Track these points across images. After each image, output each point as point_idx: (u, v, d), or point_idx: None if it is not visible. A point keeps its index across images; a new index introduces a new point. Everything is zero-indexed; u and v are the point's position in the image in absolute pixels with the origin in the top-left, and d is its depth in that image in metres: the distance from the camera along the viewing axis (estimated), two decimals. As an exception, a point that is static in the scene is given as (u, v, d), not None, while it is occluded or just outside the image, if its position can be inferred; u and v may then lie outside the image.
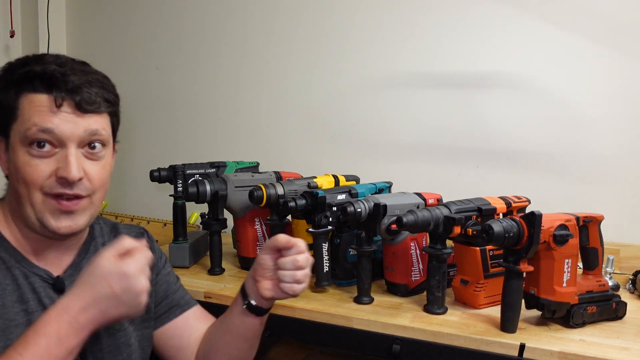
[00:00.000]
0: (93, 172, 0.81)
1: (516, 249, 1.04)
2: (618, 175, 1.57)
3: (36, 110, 0.77)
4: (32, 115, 0.77)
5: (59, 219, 0.79)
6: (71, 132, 0.78)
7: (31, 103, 0.77)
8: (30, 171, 0.77)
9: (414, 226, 1.12)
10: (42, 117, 0.76)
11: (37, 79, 0.77)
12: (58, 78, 0.77)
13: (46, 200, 0.78)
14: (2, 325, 0.76)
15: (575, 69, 1.60)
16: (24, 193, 0.79)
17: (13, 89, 0.79)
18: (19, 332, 0.75)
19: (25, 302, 0.79)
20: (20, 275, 0.81)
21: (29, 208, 0.79)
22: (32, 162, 0.77)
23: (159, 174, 1.56)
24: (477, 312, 1.18)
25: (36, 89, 0.77)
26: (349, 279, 1.35)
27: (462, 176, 1.75)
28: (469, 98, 1.72)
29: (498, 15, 1.67)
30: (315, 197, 1.28)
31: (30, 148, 0.77)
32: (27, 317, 0.79)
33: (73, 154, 0.78)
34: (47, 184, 0.77)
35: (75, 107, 0.78)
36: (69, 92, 0.77)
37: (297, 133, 1.99)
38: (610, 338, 1.05)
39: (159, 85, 2.21)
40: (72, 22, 2.40)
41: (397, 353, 1.09)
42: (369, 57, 1.85)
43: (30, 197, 0.78)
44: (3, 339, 0.75)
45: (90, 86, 0.79)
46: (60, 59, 0.82)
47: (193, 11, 2.15)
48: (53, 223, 0.79)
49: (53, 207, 0.78)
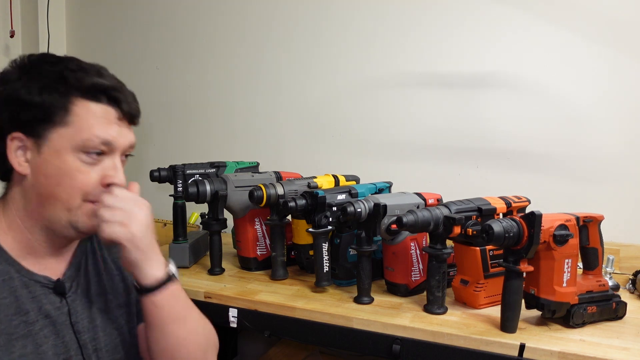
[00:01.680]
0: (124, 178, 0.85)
1: (516, 249, 1.04)
2: (618, 175, 1.57)
3: (99, 121, 0.79)
4: (93, 126, 0.79)
5: (91, 219, 0.81)
6: (122, 143, 0.83)
7: (90, 112, 0.79)
8: (82, 178, 0.79)
9: (414, 226, 1.12)
10: (104, 129, 0.79)
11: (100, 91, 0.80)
12: (120, 92, 0.82)
13: (84, 205, 0.80)
14: (4, 340, 0.75)
15: (575, 69, 1.60)
16: (62, 197, 0.79)
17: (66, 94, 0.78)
18: (20, 344, 0.76)
19: (24, 314, 0.79)
20: (20, 285, 0.80)
21: (62, 211, 0.80)
22: (83, 169, 0.79)
23: (159, 174, 1.56)
24: (477, 312, 1.18)
25: (99, 100, 0.80)
26: (349, 279, 1.35)
27: (462, 176, 1.75)
28: (469, 98, 1.72)
29: (498, 16, 1.67)
30: (315, 197, 1.28)
31: (84, 155, 0.79)
32: (27, 329, 0.78)
33: (119, 162, 0.83)
34: (92, 191, 0.80)
35: (128, 121, 0.84)
36: (127, 107, 0.82)
37: (297, 133, 1.99)
38: (610, 338, 1.05)
39: (159, 86, 2.21)
40: (72, 22, 2.40)
41: (397, 353, 1.09)
42: (370, 57, 1.85)
43: (69, 200, 0.79)
44: (7, 353, 0.75)
45: (134, 101, 0.85)
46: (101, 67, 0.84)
47: (193, 11, 2.15)
48: (88, 222, 0.81)
49: (90, 209, 0.80)
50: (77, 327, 0.85)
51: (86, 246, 0.93)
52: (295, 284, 1.39)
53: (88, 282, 0.90)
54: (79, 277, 0.89)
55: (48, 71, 0.79)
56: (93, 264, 0.92)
